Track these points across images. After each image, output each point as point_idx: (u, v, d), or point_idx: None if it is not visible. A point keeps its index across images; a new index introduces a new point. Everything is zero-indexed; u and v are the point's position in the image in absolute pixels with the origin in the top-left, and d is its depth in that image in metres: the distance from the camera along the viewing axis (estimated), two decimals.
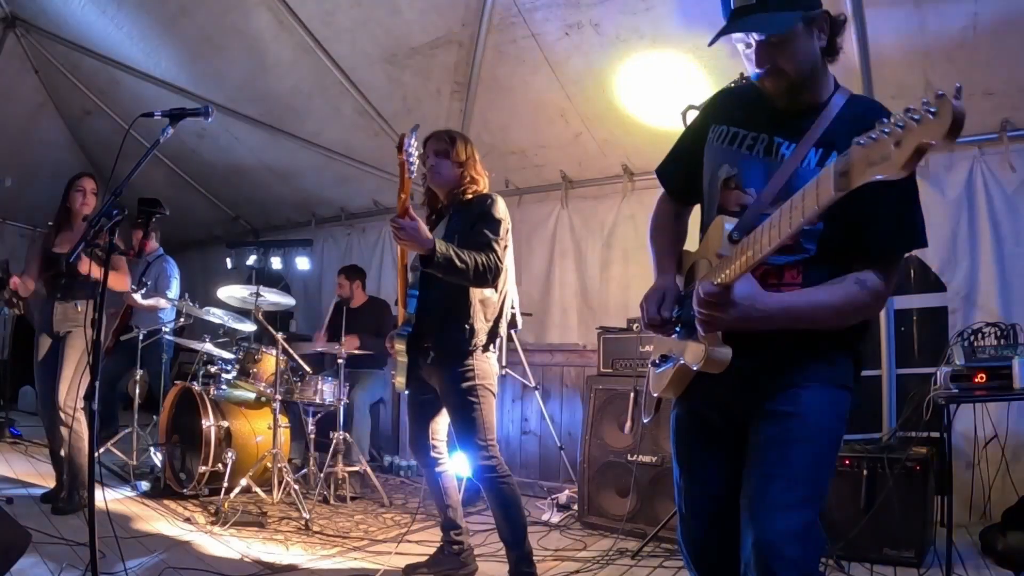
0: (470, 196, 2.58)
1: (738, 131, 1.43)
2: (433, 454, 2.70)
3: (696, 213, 1.63)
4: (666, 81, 3.75)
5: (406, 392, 2.68)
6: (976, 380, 2.53)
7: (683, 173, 1.59)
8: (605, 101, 4.06)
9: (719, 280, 1.22)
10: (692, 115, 3.31)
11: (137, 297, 4.13)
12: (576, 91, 4.07)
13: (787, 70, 1.30)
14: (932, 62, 3.21)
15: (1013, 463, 3.14)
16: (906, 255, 1.48)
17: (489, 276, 2.38)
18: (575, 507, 3.71)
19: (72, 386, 3.19)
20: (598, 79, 3.94)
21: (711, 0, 3.70)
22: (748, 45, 1.32)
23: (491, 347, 2.56)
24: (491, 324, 2.57)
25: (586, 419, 3.63)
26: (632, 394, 3.45)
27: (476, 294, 2.50)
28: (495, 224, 2.48)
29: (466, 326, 2.48)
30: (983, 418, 3.19)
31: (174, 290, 4.74)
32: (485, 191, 2.63)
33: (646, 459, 3.33)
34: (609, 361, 3.68)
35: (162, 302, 4.45)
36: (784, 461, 1.30)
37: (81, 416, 3.16)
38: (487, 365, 2.53)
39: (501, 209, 2.53)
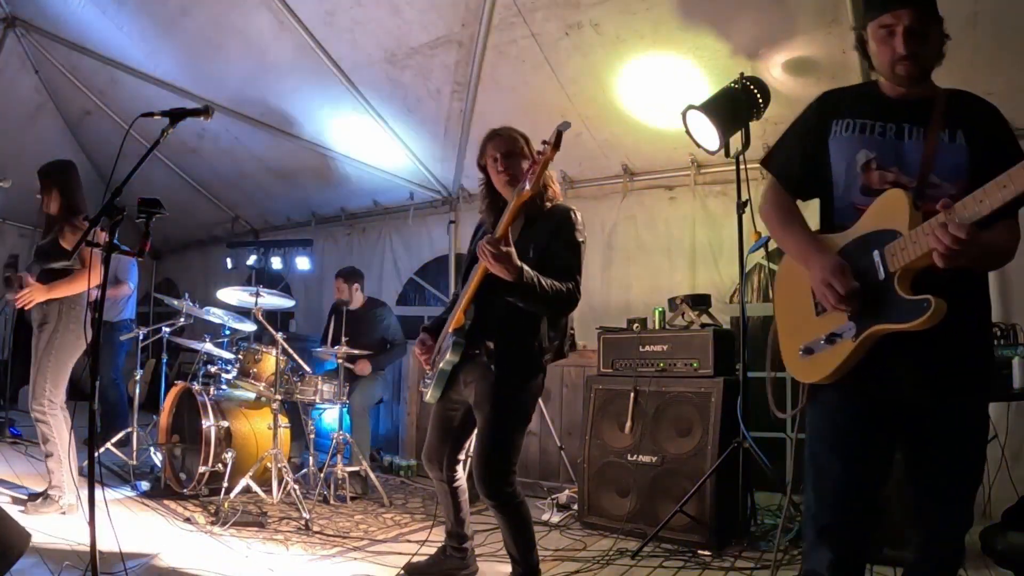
0: (548, 204, 2.35)
1: (865, 122, 1.58)
2: (456, 470, 2.57)
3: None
4: (666, 81, 3.76)
5: (428, 400, 2.52)
6: None
7: (799, 165, 1.72)
8: (605, 101, 4.06)
9: (966, 220, 1.33)
10: (692, 115, 3.32)
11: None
12: (576, 91, 4.07)
13: (921, 57, 1.53)
14: None
15: (1013, 463, 3.14)
16: None
17: (565, 308, 2.19)
18: (575, 507, 3.71)
19: (38, 384, 3.17)
20: (598, 79, 3.94)
21: (711, 0, 3.68)
22: (891, 33, 1.52)
23: (544, 369, 2.36)
24: (557, 343, 2.35)
25: (586, 419, 3.63)
26: (632, 394, 3.45)
27: None
28: (578, 249, 2.26)
29: (535, 343, 2.26)
30: None
31: (134, 276, 4.80)
32: (559, 198, 2.41)
33: (646, 459, 3.33)
34: (609, 361, 3.68)
35: (124, 288, 4.45)
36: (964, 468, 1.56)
37: (57, 415, 3.14)
38: (538, 388, 2.37)
39: (583, 231, 2.32)
